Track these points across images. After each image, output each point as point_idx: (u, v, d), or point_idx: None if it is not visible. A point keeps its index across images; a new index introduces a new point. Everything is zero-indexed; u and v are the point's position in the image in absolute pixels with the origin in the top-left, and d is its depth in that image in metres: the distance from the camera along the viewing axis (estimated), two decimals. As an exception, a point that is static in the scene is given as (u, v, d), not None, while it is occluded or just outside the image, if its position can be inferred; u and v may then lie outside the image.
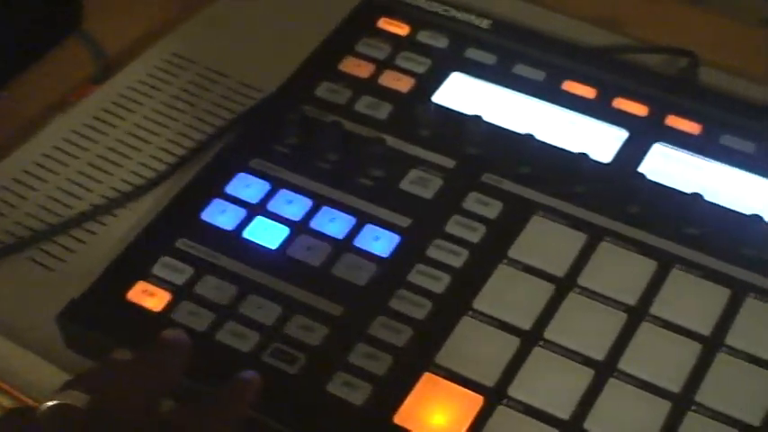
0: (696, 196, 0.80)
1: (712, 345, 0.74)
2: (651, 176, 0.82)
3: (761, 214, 0.78)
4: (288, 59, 0.93)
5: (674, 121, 0.86)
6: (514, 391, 0.72)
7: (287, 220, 0.82)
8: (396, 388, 0.73)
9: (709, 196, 0.80)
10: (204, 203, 0.83)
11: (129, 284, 0.78)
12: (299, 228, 0.81)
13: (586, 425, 0.71)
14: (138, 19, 1.02)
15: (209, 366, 0.73)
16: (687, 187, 0.81)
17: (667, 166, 0.83)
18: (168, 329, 0.73)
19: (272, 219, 0.82)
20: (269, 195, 0.83)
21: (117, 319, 0.77)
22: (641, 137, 0.85)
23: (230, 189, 0.84)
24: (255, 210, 0.82)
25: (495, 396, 0.72)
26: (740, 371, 0.73)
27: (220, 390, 0.71)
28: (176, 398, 0.70)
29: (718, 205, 0.80)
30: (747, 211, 0.79)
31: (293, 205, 0.82)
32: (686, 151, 0.84)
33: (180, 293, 0.78)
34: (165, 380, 0.70)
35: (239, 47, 0.99)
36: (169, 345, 0.72)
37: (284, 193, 0.83)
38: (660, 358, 0.73)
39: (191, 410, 0.69)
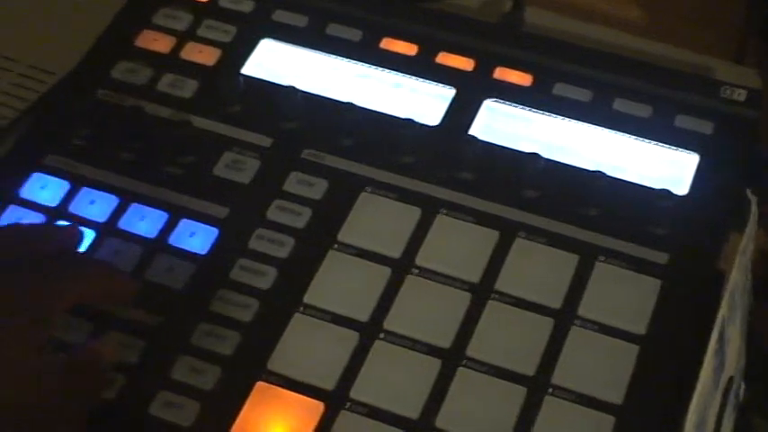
0: (534, 155, 0.73)
1: (565, 319, 0.68)
2: (483, 137, 0.75)
3: (603, 169, 0.73)
4: (83, 37, 0.84)
5: (503, 74, 0.79)
6: (357, 392, 0.66)
7: (92, 222, 0.74)
8: (227, 403, 0.66)
9: (547, 153, 0.74)
10: (-3, 212, 0.74)
11: None
12: (105, 230, 0.74)
13: (438, 422, 0.65)
14: None
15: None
16: (523, 146, 0.75)
17: (500, 123, 0.77)
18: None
19: (75, 222, 0.74)
20: (69, 196, 0.75)
21: None
22: (470, 94, 0.78)
23: (25, 193, 0.75)
24: (55, 214, 0.74)
25: (336, 400, 0.66)
26: (598, 345, 0.67)
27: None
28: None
29: (559, 162, 0.75)
30: (589, 166, 0.74)
31: (97, 205, 0.75)
32: (519, 106, 0.78)
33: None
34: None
35: (26, 27, 0.89)
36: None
37: (86, 192, 0.75)
38: (511, 340, 0.67)
39: None
